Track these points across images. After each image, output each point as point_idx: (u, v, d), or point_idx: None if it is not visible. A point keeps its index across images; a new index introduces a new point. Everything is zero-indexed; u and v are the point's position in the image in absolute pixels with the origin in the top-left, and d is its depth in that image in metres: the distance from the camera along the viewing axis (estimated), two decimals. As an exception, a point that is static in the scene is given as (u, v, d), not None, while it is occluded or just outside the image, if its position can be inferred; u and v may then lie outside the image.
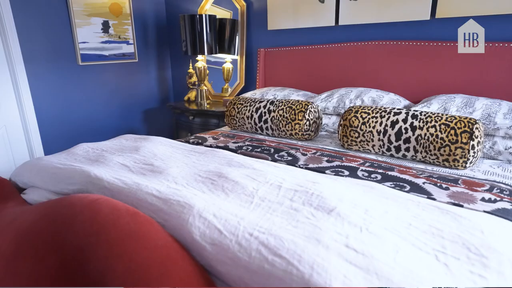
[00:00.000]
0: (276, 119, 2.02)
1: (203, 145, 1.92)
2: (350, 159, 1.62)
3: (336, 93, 2.17)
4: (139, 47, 3.31)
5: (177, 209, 0.87)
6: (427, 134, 1.52)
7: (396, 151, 1.63)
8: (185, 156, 1.33)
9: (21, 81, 2.56)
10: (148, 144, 1.45)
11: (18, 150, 2.67)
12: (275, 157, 1.67)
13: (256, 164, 1.15)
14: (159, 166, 1.18)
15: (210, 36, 2.89)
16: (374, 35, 2.29)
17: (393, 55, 2.19)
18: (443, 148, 1.49)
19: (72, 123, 2.93)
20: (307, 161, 1.60)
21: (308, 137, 1.99)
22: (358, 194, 0.95)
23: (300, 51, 2.61)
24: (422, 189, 1.29)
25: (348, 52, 2.37)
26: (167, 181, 1.05)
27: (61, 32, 2.72)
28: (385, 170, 1.48)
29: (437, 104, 1.78)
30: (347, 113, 1.77)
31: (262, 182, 1.00)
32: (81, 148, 1.48)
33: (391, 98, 2.01)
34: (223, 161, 1.23)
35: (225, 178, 1.04)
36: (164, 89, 3.66)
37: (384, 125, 1.64)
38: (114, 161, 1.27)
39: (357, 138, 1.72)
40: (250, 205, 0.89)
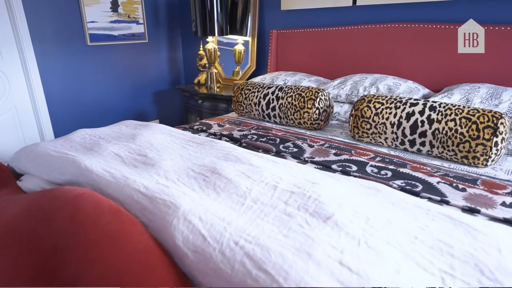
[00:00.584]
0: (284, 106, 1.92)
1: (207, 132, 1.85)
2: (359, 153, 1.52)
3: (349, 79, 2.04)
4: (149, 27, 3.22)
5: (162, 209, 0.81)
6: (445, 128, 1.40)
7: (411, 145, 1.52)
8: (182, 146, 1.27)
9: (30, 61, 2.54)
10: (146, 133, 1.39)
11: (29, 131, 2.68)
12: (280, 148, 1.59)
13: (254, 159, 1.08)
14: (152, 158, 1.12)
15: (221, 16, 2.78)
16: (394, 17, 2.13)
17: (414, 39, 2.02)
18: (462, 144, 1.37)
19: (82, 104, 2.91)
20: (313, 154, 1.51)
21: (318, 127, 1.89)
22: (361, 199, 0.87)
23: (314, 33, 2.46)
24: (436, 190, 1.19)
25: (365, 35, 2.21)
26: (158, 176, 0.99)
27: (69, 11, 2.67)
28: (396, 166, 1.37)
29: (459, 95, 1.64)
30: (359, 102, 1.66)
31: (257, 181, 0.93)
32: (78, 134, 1.44)
33: (409, 87, 1.87)
34: (220, 154, 1.15)
35: (218, 174, 0.97)
36: (175, 71, 3.59)
37: (399, 116, 1.52)
38: (109, 150, 1.22)
39: (369, 129, 1.61)
40: (240, 208, 0.82)
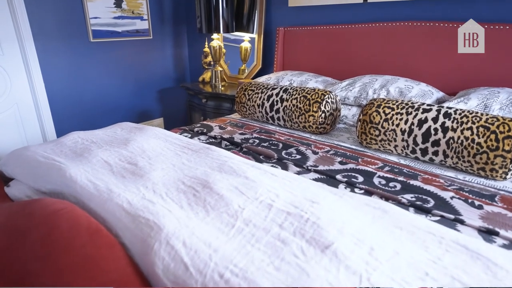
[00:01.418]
0: (289, 109, 1.83)
1: (207, 135, 1.78)
2: (367, 161, 1.42)
3: (358, 81, 1.93)
4: (154, 23, 3.15)
5: (144, 230, 0.74)
6: (460, 137, 1.29)
7: (422, 154, 1.41)
8: (176, 154, 1.19)
9: (31, 58, 2.49)
10: (140, 137, 1.32)
11: (30, 129, 2.65)
12: (282, 154, 1.50)
13: (250, 172, 0.99)
14: (142, 167, 1.05)
15: (227, 13, 2.69)
16: (407, 15, 2.00)
17: (428, 38, 1.90)
18: (479, 155, 1.26)
19: (84, 101, 2.86)
20: (317, 162, 1.42)
21: (323, 131, 1.79)
22: (365, 222, 0.78)
23: (322, 31, 2.35)
24: (449, 206, 1.09)
25: (376, 33, 2.10)
26: (145, 189, 0.92)
27: (72, 7, 2.61)
28: (406, 177, 1.27)
29: (477, 100, 1.52)
30: (367, 107, 1.55)
31: (251, 199, 0.84)
32: (71, 138, 1.37)
33: (422, 90, 1.75)
34: (215, 164, 1.07)
35: (209, 189, 0.89)
36: (180, 68, 3.51)
37: (410, 123, 1.41)
38: (99, 157, 1.15)
39: (378, 136, 1.51)
40: (230, 230, 0.74)
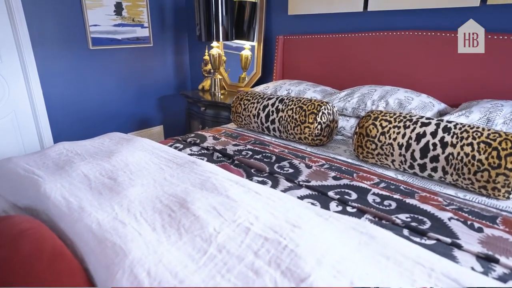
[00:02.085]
0: (284, 120, 1.78)
1: (200, 146, 1.73)
2: (362, 177, 1.36)
3: (357, 91, 1.88)
4: (155, 31, 3.14)
5: (109, 256, 0.69)
6: (460, 153, 1.22)
7: (421, 170, 1.35)
8: (159, 168, 1.14)
9: (29, 65, 2.49)
10: (125, 150, 1.28)
11: (28, 136, 2.63)
12: (274, 168, 1.44)
13: (233, 190, 0.94)
14: (121, 183, 1.01)
15: (227, 20, 2.65)
16: (408, 24, 1.95)
17: (430, 47, 1.84)
18: (480, 172, 1.19)
19: (82, 109, 2.85)
20: (309, 177, 1.36)
21: (320, 143, 1.73)
22: (349, 249, 0.72)
23: (322, 40, 2.31)
24: (447, 228, 1.02)
25: (376, 43, 2.04)
26: (120, 207, 0.87)
27: (71, 14, 2.60)
28: (403, 195, 1.21)
29: (479, 113, 1.45)
30: (364, 119, 1.49)
31: (228, 221, 0.79)
32: (56, 149, 1.34)
33: (422, 102, 1.69)
34: (198, 180, 1.02)
35: (186, 209, 0.84)
36: (181, 76, 3.49)
37: (408, 137, 1.35)
38: (79, 170, 1.11)
39: (374, 150, 1.45)
40: (201, 258, 0.68)
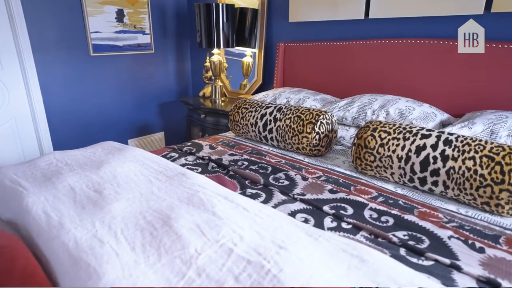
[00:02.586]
0: (282, 129, 1.74)
1: (195, 155, 1.70)
2: (360, 190, 1.31)
3: (357, 100, 1.83)
4: (156, 38, 3.13)
5: (83, 278, 0.65)
6: (462, 167, 1.17)
7: (421, 184, 1.29)
8: (148, 180, 1.11)
9: (29, 71, 2.49)
10: (115, 161, 1.25)
11: (28, 142, 2.63)
12: (269, 179, 1.40)
13: (220, 206, 0.90)
14: (106, 197, 0.97)
15: (227, 28, 2.63)
16: (410, 32, 1.90)
17: (433, 56, 1.79)
18: (482, 188, 1.13)
19: (83, 115, 2.84)
20: (305, 189, 1.32)
21: (318, 153, 1.69)
22: (338, 274, 0.67)
23: (323, 48, 2.27)
24: (446, 248, 0.97)
25: (378, 50, 2.00)
26: (101, 224, 0.83)
27: (72, 21, 2.60)
28: (401, 211, 1.16)
29: (482, 125, 1.40)
30: (362, 130, 1.45)
31: (211, 241, 0.75)
32: (46, 159, 1.31)
33: (424, 112, 1.64)
34: (186, 194, 0.99)
35: (169, 227, 0.80)
36: (182, 82, 3.48)
37: (407, 150, 1.30)
38: (66, 182, 1.08)
39: (373, 162, 1.40)
40: (179, 282, 0.64)
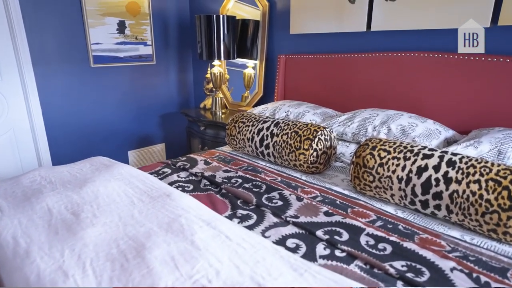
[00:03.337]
0: (279, 145, 1.68)
1: (188, 171, 1.64)
2: (357, 213, 1.24)
3: (358, 116, 1.76)
4: (158, 49, 3.12)
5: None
6: (466, 191, 1.09)
7: (423, 207, 1.21)
8: (130, 202, 1.05)
9: (29, 82, 2.48)
10: (100, 179, 1.20)
11: (26, 154, 2.61)
12: (262, 199, 1.33)
13: (201, 234, 0.84)
14: (82, 221, 0.92)
15: (228, 39, 2.60)
16: (414, 45, 1.84)
17: (438, 70, 1.72)
18: (488, 214, 1.05)
19: (82, 126, 2.82)
20: (299, 211, 1.25)
21: (316, 170, 1.62)
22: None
23: (324, 60, 2.22)
24: (447, 282, 0.89)
25: (380, 64, 1.94)
26: (71, 252, 0.78)
27: (73, 32, 2.60)
28: (400, 237, 1.08)
29: (488, 144, 1.32)
30: (361, 148, 1.38)
31: (184, 276, 0.69)
32: (31, 175, 1.27)
33: (428, 129, 1.56)
34: (166, 219, 0.93)
35: (142, 259, 0.74)
36: (184, 93, 3.45)
37: (408, 170, 1.22)
38: (44, 203, 1.03)
39: (372, 182, 1.32)
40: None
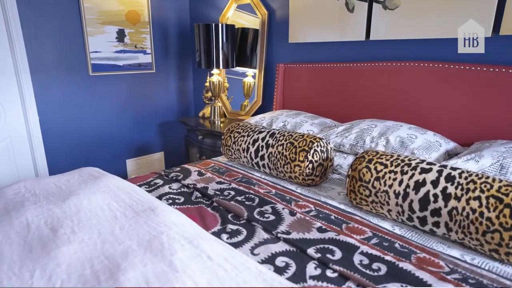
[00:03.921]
0: (274, 156, 1.63)
1: (181, 183, 1.60)
2: (352, 229, 1.18)
3: (356, 126, 1.72)
4: (158, 57, 3.11)
5: None
6: (466, 208, 1.04)
7: (421, 224, 1.16)
8: (113, 217, 1.01)
9: (27, 90, 2.47)
10: (86, 191, 1.16)
11: (23, 162, 2.59)
12: (253, 213, 1.29)
13: (181, 253, 0.79)
14: (60, 237, 0.88)
15: (227, 48, 2.58)
16: (414, 54, 1.80)
17: (439, 81, 1.67)
18: (490, 233, 0.99)
19: (80, 135, 2.80)
20: (291, 226, 1.19)
21: (312, 183, 1.57)
22: None
23: (323, 69, 2.18)
24: (445, 308, 0.83)
25: (379, 73, 1.89)
26: (41, 273, 0.74)
27: (72, 41, 2.60)
28: (396, 256, 1.02)
29: (490, 158, 1.26)
30: (357, 161, 1.33)
31: (156, 302, 0.64)
32: (15, 187, 1.24)
33: (427, 141, 1.51)
34: (147, 236, 0.88)
35: (114, 281, 0.69)
36: (184, 102, 3.43)
37: (405, 185, 1.17)
38: (24, 217, 0.99)
39: (368, 197, 1.27)
40: None
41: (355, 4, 1.93)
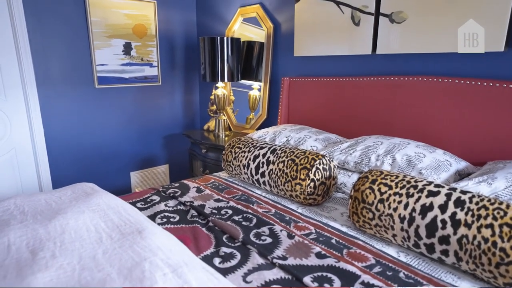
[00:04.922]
0: (275, 173, 1.57)
1: (178, 200, 1.55)
2: (354, 255, 1.10)
3: (361, 143, 1.64)
4: (164, 70, 3.11)
5: None
6: (477, 237, 0.95)
7: (428, 251, 1.07)
8: (98, 239, 0.96)
9: (32, 103, 2.48)
10: (74, 210, 1.12)
11: (27, 175, 2.58)
12: (249, 235, 1.22)
13: (162, 283, 0.73)
14: (38, 261, 0.83)
15: (232, 61, 2.56)
16: (422, 69, 1.73)
17: (449, 96, 1.60)
18: (504, 265, 0.90)
19: (85, 148, 2.79)
20: (288, 251, 1.12)
21: (314, 202, 1.50)
22: None
23: (329, 83, 2.12)
24: None
25: (386, 88, 1.83)
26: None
27: (78, 54, 2.61)
28: (400, 288, 0.94)
29: (504, 181, 1.17)
30: (360, 181, 1.26)
31: None
32: (6, 203, 1.21)
33: (436, 160, 1.42)
34: (129, 263, 0.83)
35: (84, 315, 0.64)
36: (190, 115, 3.41)
37: (411, 209, 1.09)
38: (6, 238, 0.95)
39: (372, 220, 1.19)
40: None
41: (361, 18, 1.88)
